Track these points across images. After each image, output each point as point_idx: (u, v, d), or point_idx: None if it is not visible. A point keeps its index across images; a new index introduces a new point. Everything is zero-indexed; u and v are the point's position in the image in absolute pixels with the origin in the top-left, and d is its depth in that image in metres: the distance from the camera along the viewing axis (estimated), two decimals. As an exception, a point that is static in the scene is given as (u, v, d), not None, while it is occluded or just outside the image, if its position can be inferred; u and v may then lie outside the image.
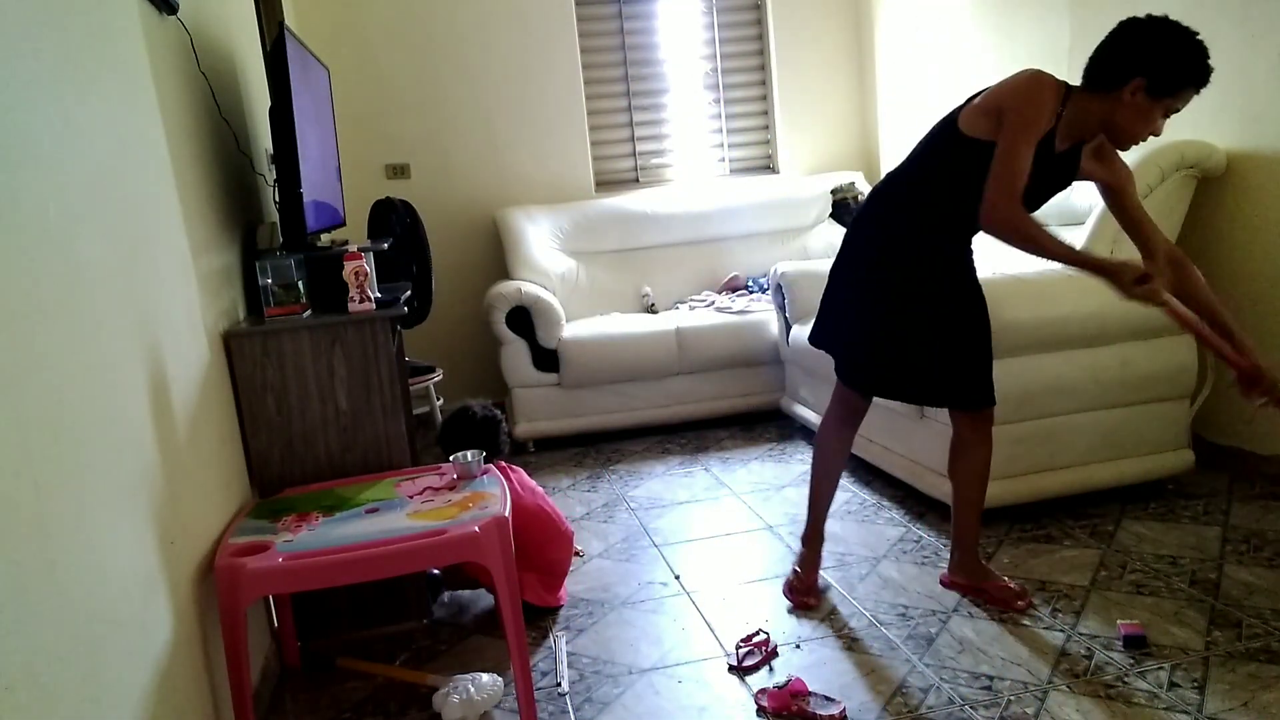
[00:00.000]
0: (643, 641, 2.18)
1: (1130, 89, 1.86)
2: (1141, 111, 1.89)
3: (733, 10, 4.80)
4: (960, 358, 2.15)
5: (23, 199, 1.18)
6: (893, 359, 2.16)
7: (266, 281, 2.22)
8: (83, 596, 1.18)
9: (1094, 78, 1.91)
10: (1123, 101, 1.87)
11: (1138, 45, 1.86)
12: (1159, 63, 1.84)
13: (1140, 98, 1.86)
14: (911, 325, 2.12)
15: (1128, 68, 1.86)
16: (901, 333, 2.14)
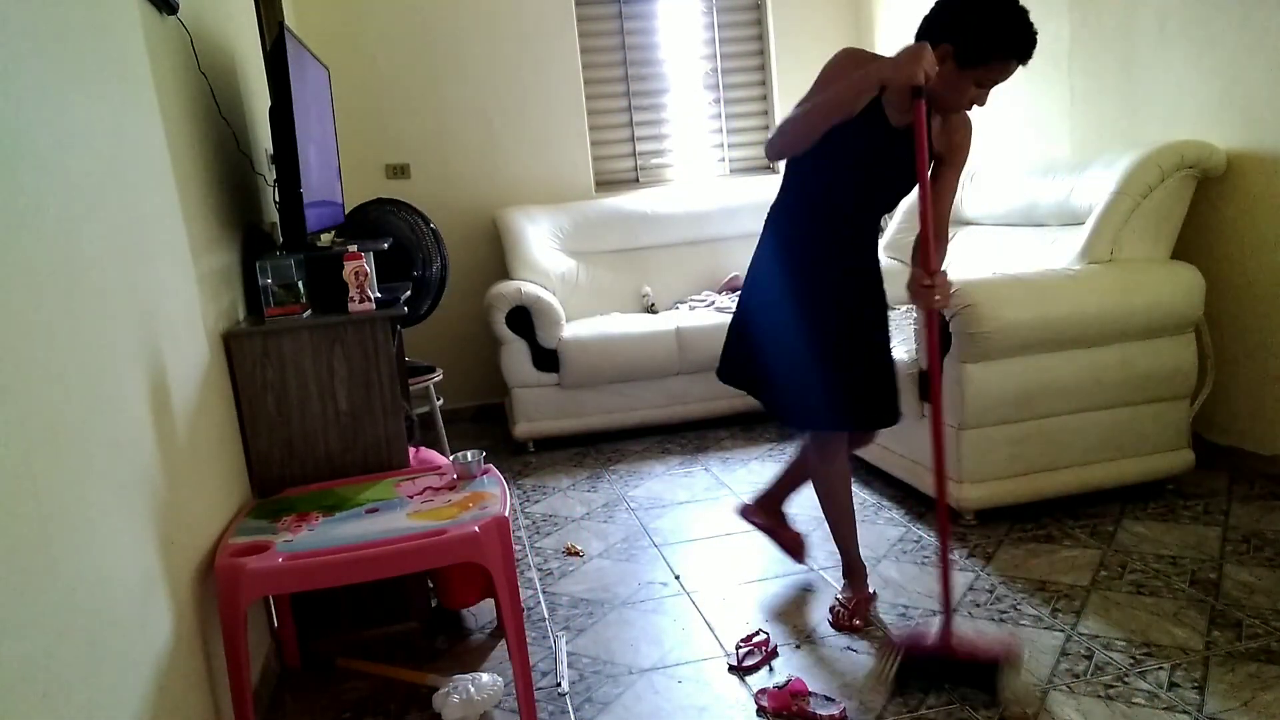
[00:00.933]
0: (643, 641, 2.18)
1: (939, 55, 1.79)
2: (951, 81, 1.84)
3: (733, 10, 4.80)
4: (798, 374, 2.11)
5: (22, 199, 1.18)
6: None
7: (266, 281, 2.22)
8: (83, 596, 1.18)
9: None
10: (937, 70, 1.77)
11: (949, 12, 1.82)
12: (965, 31, 1.79)
13: (949, 66, 1.81)
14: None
15: (937, 34, 1.82)
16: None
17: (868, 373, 2.11)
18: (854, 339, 2.10)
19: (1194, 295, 2.64)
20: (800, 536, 2.49)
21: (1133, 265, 2.68)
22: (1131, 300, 2.59)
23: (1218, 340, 2.85)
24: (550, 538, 2.90)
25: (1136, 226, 2.72)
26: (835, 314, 2.10)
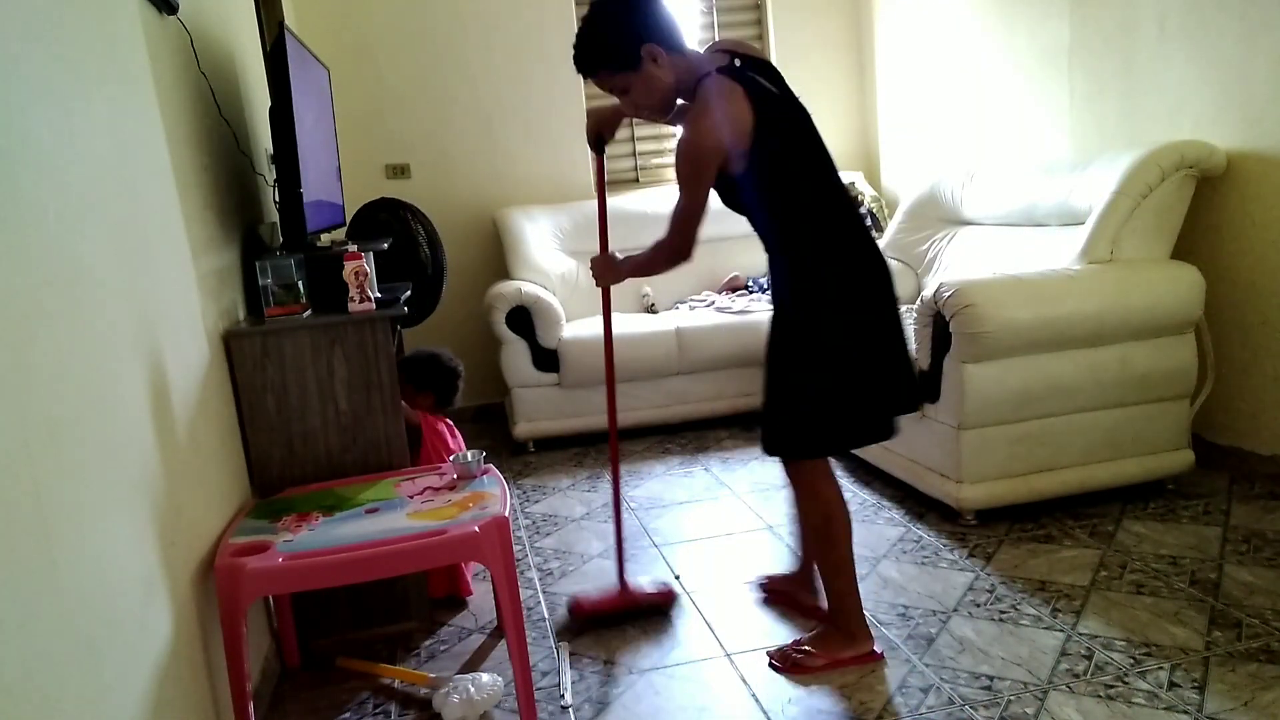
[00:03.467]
0: (643, 641, 2.18)
1: (648, 54, 1.85)
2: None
3: (733, 10, 4.80)
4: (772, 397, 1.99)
5: (22, 199, 1.18)
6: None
7: (266, 281, 2.22)
8: (83, 596, 1.18)
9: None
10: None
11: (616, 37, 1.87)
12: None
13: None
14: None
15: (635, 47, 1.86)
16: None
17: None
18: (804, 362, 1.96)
19: (1194, 295, 2.64)
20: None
21: (1133, 265, 2.68)
22: (1131, 300, 2.59)
23: (1218, 340, 2.85)
24: (550, 538, 2.90)
25: (1136, 226, 2.72)
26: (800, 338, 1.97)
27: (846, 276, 1.86)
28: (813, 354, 1.87)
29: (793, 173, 1.83)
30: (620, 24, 1.81)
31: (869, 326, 1.87)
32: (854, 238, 1.87)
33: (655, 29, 1.81)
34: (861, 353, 1.87)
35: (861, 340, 1.87)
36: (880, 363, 1.88)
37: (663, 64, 1.82)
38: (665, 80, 1.84)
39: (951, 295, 2.53)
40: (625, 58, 1.82)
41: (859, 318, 1.87)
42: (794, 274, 1.89)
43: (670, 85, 1.85)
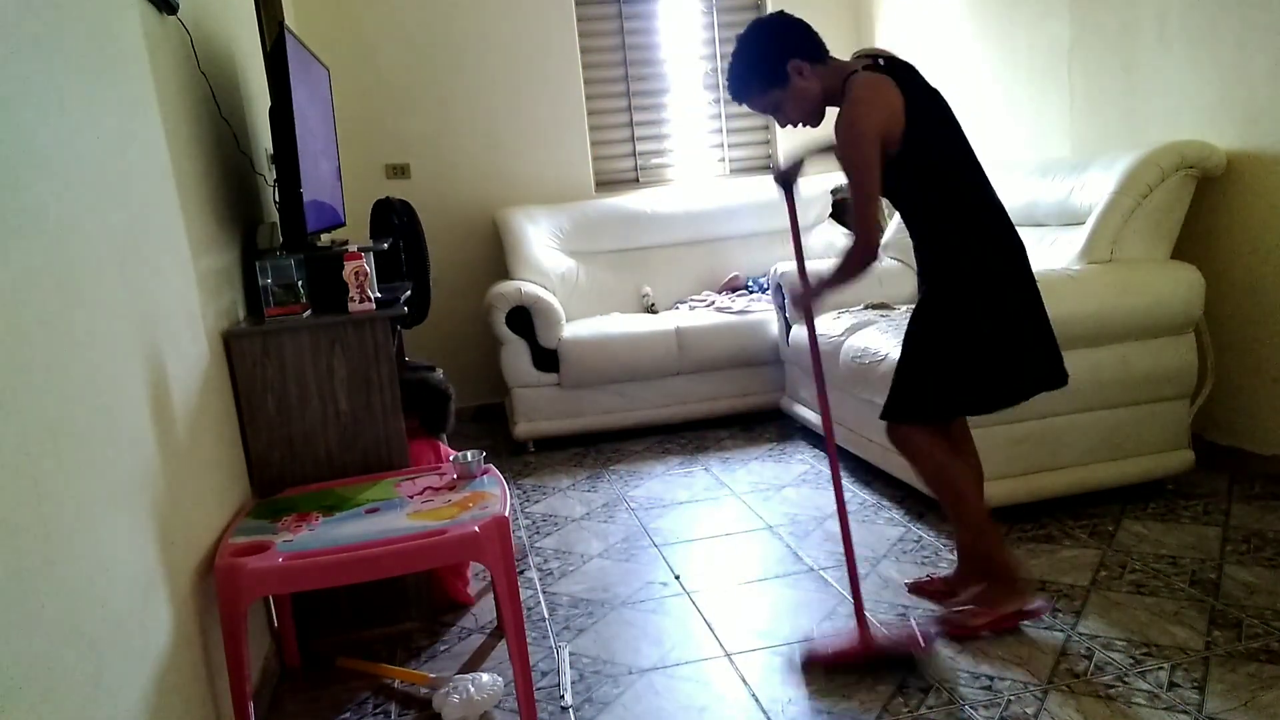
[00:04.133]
0: (643, 641, 2.18)
1: (794, 69, 1.98)
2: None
3: (733, 10, 4.80)
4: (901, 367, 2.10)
5: (22, 199, 1.18)
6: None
7: (266, 281, 2.22)
8: (83, 596, 1.18)
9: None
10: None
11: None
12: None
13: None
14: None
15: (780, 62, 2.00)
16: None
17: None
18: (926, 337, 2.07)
19: (1194, 295, 2.64)
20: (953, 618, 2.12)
21: (1133, 265, 2.68)
22: (1131, 300, 2.59)
23: (1218, 340, 2.85)
24: (550, 538, 2.90)
25: (1136, 226, 2.72)
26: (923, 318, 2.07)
27: (990, 259, 1.96)
28: (955, 329, 1.97)
29: (943, 158, 1.93)
30: (764, 46, 1.96)
31: (1008, 305, 1.97)
32: (998, 223, 1.97)
33: (797, 45, 1.96)
34: (998, 330, 1.96)
35: (1000, 318, 1.96)
36: (1014, 339, 1.97)
37: (808, 76, 1.95)
38: (814, 90, 1.96)
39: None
40: (773, 76, 1.95)
41: (1000, 297, 1.96)
42: (941, 255, 1.99)
43: (819, 94, 1.97)
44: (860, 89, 1.88)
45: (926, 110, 1.89)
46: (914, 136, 1.87)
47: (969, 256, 1.96)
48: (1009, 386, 2.01)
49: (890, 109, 1.86)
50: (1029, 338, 1.98)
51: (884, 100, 1.86)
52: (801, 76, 1.94)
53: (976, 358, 1.97)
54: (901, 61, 1.98)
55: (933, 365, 2.00)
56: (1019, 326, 1.97)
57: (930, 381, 2.01)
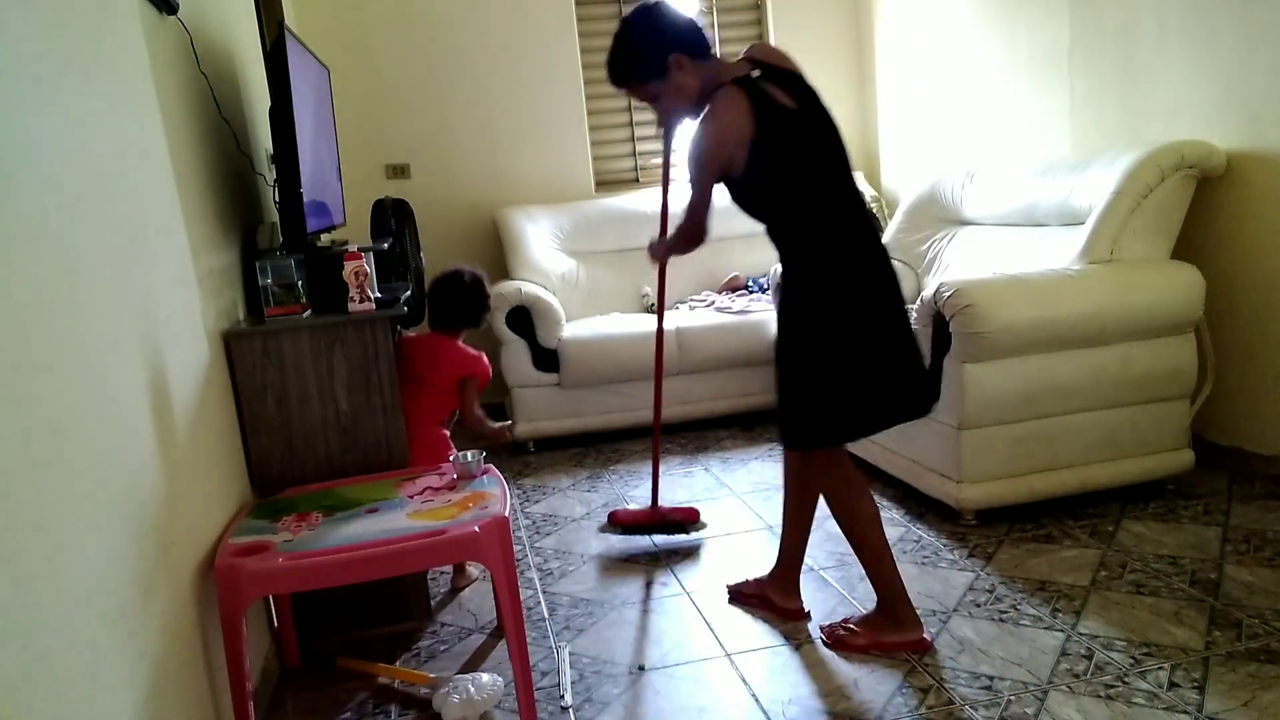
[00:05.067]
0: (643, 641, 2.18)
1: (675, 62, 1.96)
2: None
3: (733, 10, 4.80)
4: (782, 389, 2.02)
5: (22, 199, 1.17)
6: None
7: (266, 281, 2.22)
8: (82, 597, 1.18)
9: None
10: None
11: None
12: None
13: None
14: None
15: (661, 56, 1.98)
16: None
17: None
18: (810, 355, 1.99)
19: (1194, 295, 2.64)
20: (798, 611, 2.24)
21: (1133, 265, 2.68)
22: (1131, 300, 2.59)
23: (1218, 340, 2.85)
24: (550, 538, 2.90)
25: (1136, 226, 2.72)
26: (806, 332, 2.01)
27: (840, 284, 1.91)
28: (806, 353, 1.94)
29: (791, 182, 1.89)
30: (646, 37, 1.93)
31: (861, 332, 1.91)
32: (856, 247, 1.92)
33: (678, 39, 1.92)
34: (850, 356, 1.91)
35: (851, 344, 1.91)
36: (872, 367, 1.92)
37: (688, 70, 1.93)
38: (691, 87, 1.94)
39: (951, 295, 2.53)
40: (653, 67, 1.93)
41: (850, 323, 1.91)
42: (793, 277, 1.96)
43: (696, 89, 1.94)
44: (718, 108, 1.87)
45: (780, 133, 1.86)
46: (762, 159, 1.86)
47: (807, 281, 1.92)
48: (856, 418, 1.96)
49: (738, 136, 1.85)
50: (879, 370, 1.92)
51: (734, 122, 1.85)
52: (681, 71, 1.92)
53: (822, 385, 1.93)
54: (785, 71, 1.95)
55: (795, 391, 1.98)
56: (867, 359, 1.90)
57: (799, 408, 1.98)
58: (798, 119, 1.89)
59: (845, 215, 1.92)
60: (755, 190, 1.92)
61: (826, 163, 1.92)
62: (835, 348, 1.90)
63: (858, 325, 1.90)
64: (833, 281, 1.90)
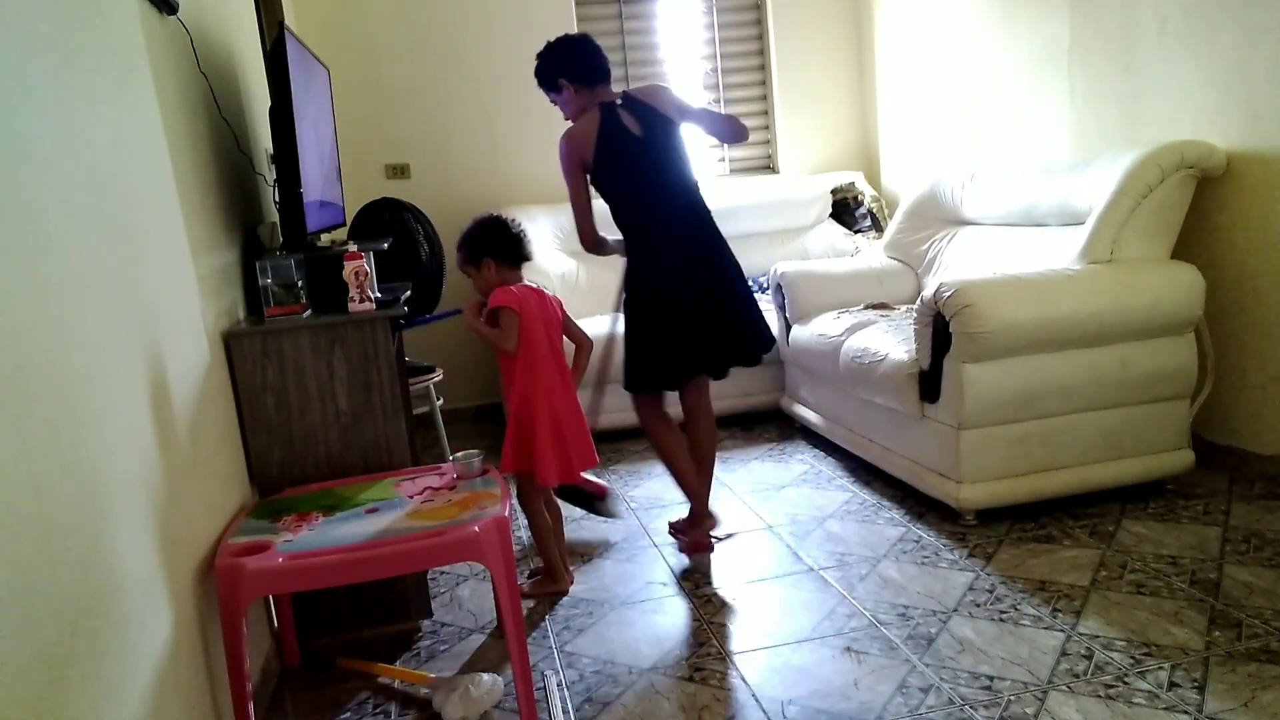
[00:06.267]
0: (643, 641, 2.18)
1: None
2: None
3: (733, 10, 4.80)
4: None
5: (22, 199, 1.18)
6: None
7: (266, 281, 2.22)
8: (83, 597, 1.18)
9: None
10: None
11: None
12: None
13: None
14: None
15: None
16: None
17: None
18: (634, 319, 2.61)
19: (1194, 295, 2.64)
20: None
21: (1133, 265, 2.69)
22: (1131, 300, 2.59)
23: (1218, 340, 2.85)
24: (550, 538, 2.90)
25: (1136, 226, 2.72)
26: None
27: (642, 270, 2.55)
28: (626, 320, 2.59)
29: (613, 193, 2.55)
30: (551, 62, 2.57)
31: (650, 307, 2.53)
32: (659, 243, 2.53)
33: (572, 70, 2.54)
34: (656, 319, 2.51)
35: (657, 311, 2.51)
36: (658, 333, 2.51)
37: (571, 92, 2.56)
38: (575, 104, 2.57)
39: (951, 295, 2.53)
40: (551, 83, 2.58)
41: (649, 298, 2.53)
42: (626, 260, 2.60)
43: (578, 106, 2.57)
44: (575, 124, 2.53)
45: (611, 151, 2.48)
46: (596, 169, 2.51)
47: (627, 265, 2.58)
48: (657, 372, 2.56)
49: (580, 151, 2.50)
50: (669, 335, 2.50)
51: (578, 143, 2.50)
52: (568, 91, 2.55)
53: (634, 344, 2.56)
54: (644, 104, 2.52)
55: (625, 345, 2.61)
56: (652, 324, 2.51)
57: (625, 359, 2.61)
58: (636, 141, 2.50)
59: (654, 220, 2.52)
60: (600, 192, 2.56)
61: (648, 180, 2.51)
62: (637, 317, 2.54)
63: (654, 300, 2.51)
64: (632, 271, 2.56)
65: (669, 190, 2.52)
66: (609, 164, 2.49)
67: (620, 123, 2.48)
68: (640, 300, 2.53)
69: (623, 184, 2.52)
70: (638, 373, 2.57)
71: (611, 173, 2.50)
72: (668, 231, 2.51)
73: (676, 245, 2.51)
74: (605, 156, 2.48)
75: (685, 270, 2.50)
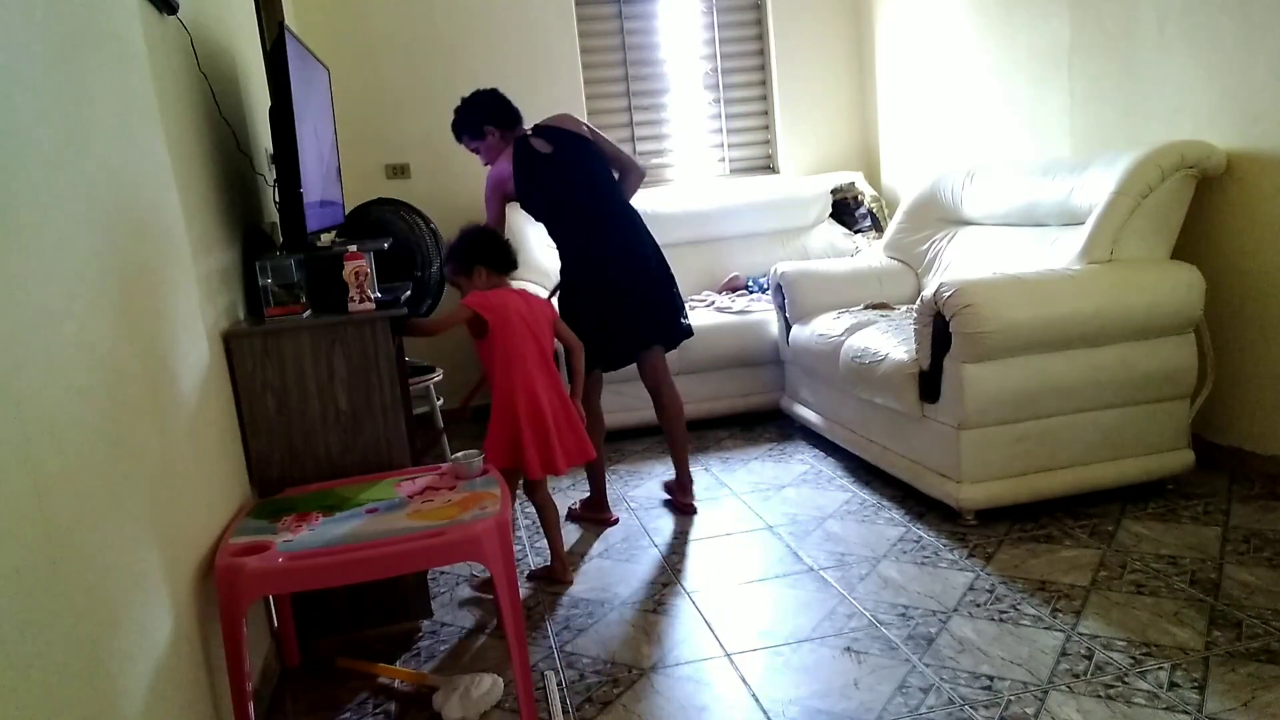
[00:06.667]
0: (643, 641, 2.18)
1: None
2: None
3: (733, 10, 4.80)
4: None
5: (22, 199, 1.18)
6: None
7: (266, 281, 2.22)
8: (83, 597, 1.18)
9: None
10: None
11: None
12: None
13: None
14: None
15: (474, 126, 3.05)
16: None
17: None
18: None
19: (1194, 295, 2.64)
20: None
21: (1133, 265, 2.69)
22: (1131, 300, 2.59)
23: (1218, 340, 2.85)
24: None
25: (1136, 226, 2.72)
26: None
27: (577, 269, 2.90)
28: (564, 310, 2.89)
29: (538, 206, 2.92)
30: (473, 110, 2.96)
31: (580, 301, 2.88)
32: (586, 247, 2.89)
33: (494, 116, 2.92)
34: (582, 309, 2.86)
35: (577, 309, 2.86)
36: (589, 323, 2.82)
37: (495, 137, 2.93)
38: (497, 146, 2.93)
39: (951, 295, 2.53)
40: (475, 131, 2.96)
41: (575, 296, 2.89)
42: (561, 261, 2.95)
43: (501, 148, 2.92)
44: (498, 159, 2.90)
45: (531, 175, 2.86)
46: (520, 192, 2.89)
47: (562, 267, 2.93)
48: (602, 354, 2.90)
49: (502, 179, 2.87)
50: (591, 324, 2.82)
51: (498, 172, 2.88)
52: (492, 136, 2.92)
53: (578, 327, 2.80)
54: (557, 130, 2.92)
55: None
56: (584, 315, 2.83)
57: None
58: (546, 159, 2.87)
59: (577, 225, 2.88)
60: (529, 211, 2.95)
61: (566, 190, 2.87)
62: (569, 309, 2.86)
63: (579, 295, 2.87)
64: (564, 271, 2.92)
65: (583, 196, 2.87)
66: (526, 185, 2.85)
67: (531, 148, 2.87)
68: (573, 294, 2.89)
69: (541, 198, 2.88)
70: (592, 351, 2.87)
71: (530, 192, 2.86)
72: (589, 234, 2.87)
73: (596, 246, 2.86)
74: (522, 180, 2.84)
75: (608, 267, 2.86)
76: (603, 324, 2.84)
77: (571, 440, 2.52)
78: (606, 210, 2.91)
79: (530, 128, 2.95)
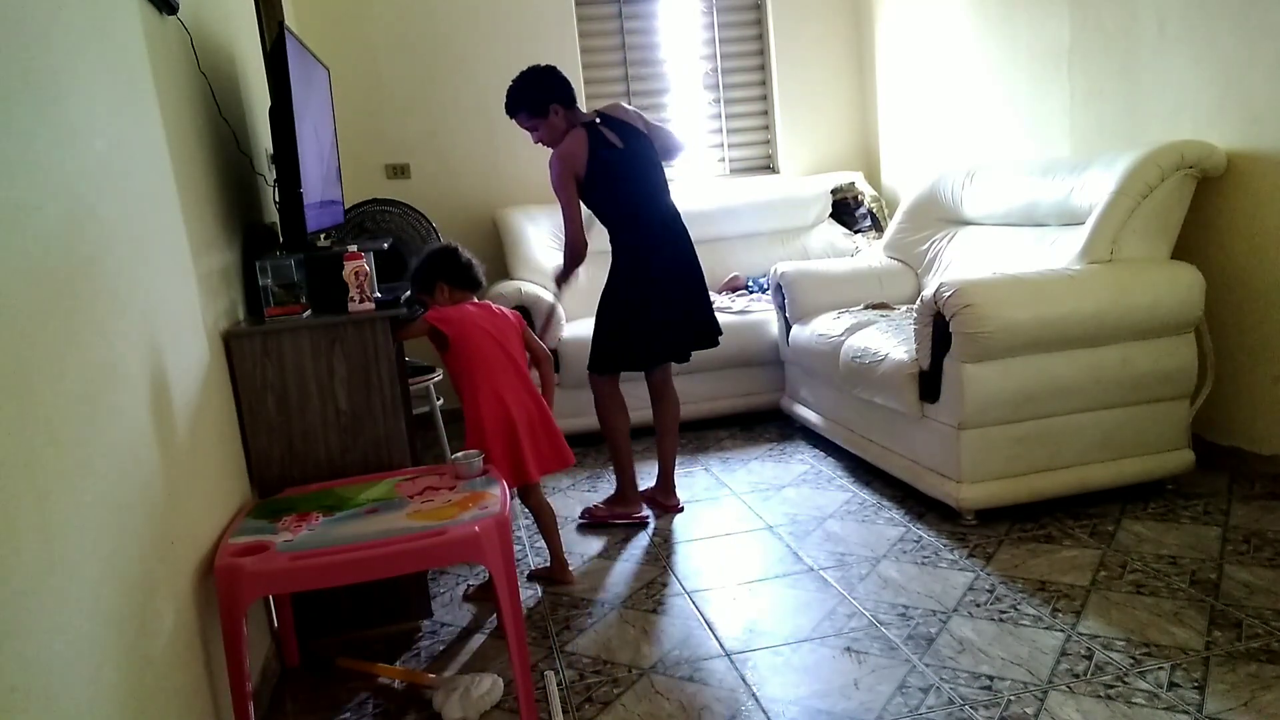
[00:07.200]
0: (643, 641, 2.18)
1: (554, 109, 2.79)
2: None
3: (733, 10, 4.80)
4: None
5: (22, 199, 1.17)
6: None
7: (266, 281, 2.22)
8: (83, 597, 1.18)
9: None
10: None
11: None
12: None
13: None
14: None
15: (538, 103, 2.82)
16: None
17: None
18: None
19: (1194, 295, 2.64)
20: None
21: (1133, 265, 2.69)
22: (1131, 300, 2.59)
23: (1218, 340, 2.85)
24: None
25: (1136, 226, 2.72)
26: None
27: (634, 267, 2.85)
28: (601, 312, 2.91)
29: (606, 199, 2.82)
30: (539, 87, 2.77)
31: (640, 299, 2.85)
32: (644, 244, 2.84)
33: (559, 93, 2.77)
34: (644, 311, 2.84)
35: (633, 307, 2.84)
36: (645, 322, 2.85)
37: (559, 116, 2.78)
38: (560, 126, 2.79)
39: (952, 295, 2.53)
40: (539, 109, 2.77)
41: (635, 294, 2.85)
42: (612, 260, 2.90)
43: (562, 129, 2.80)
44: (564, 144, 2.75)
45: (602, 163, 2.74)
46: (589, 180, 2.76)
47: (616, 263, 2.87)
48: (633, 354, 2.91)
49: (575, 164, 2.74)
50: (646, 324, 2.85)
51: (572, 157, 2.74)
52: (556, 115, 2.78)
53: (612, 331, 2.87)
54: (620, 121, 2.81)
55: (596, 332, 2.92)
56: (640, 314, 2.83)
57: (596, 344, 2.92)
58: (619, 154, 2.77)
59: (644, 223, 2.83)
60: (590, 202, 2.83)
61: (636, 186, 2.81)
62: (624, 308, 2.84)
63: (645, 294, 2.82)
64: (623, 268, 2.86)
65: (652, 197, 2.84)
66: (599, 176, 2.75)
67: (605, 139, 2.77)
68: (632, 292, 2.84)
69: (613, 193, 2.80)
70: (607, 356, 2.90)
71: (601, 184, 2.77)
72: (653, 234, 2.83)
73: (662, 245, 2.84)
74: (596, 170, 2.74)
75: (670, 268, 2.85)
76: (661, 328, 2.86)
77: (547, 447, 2.51)
78: (669, 213, 2.90)
79: (595, 115, 2.84)
